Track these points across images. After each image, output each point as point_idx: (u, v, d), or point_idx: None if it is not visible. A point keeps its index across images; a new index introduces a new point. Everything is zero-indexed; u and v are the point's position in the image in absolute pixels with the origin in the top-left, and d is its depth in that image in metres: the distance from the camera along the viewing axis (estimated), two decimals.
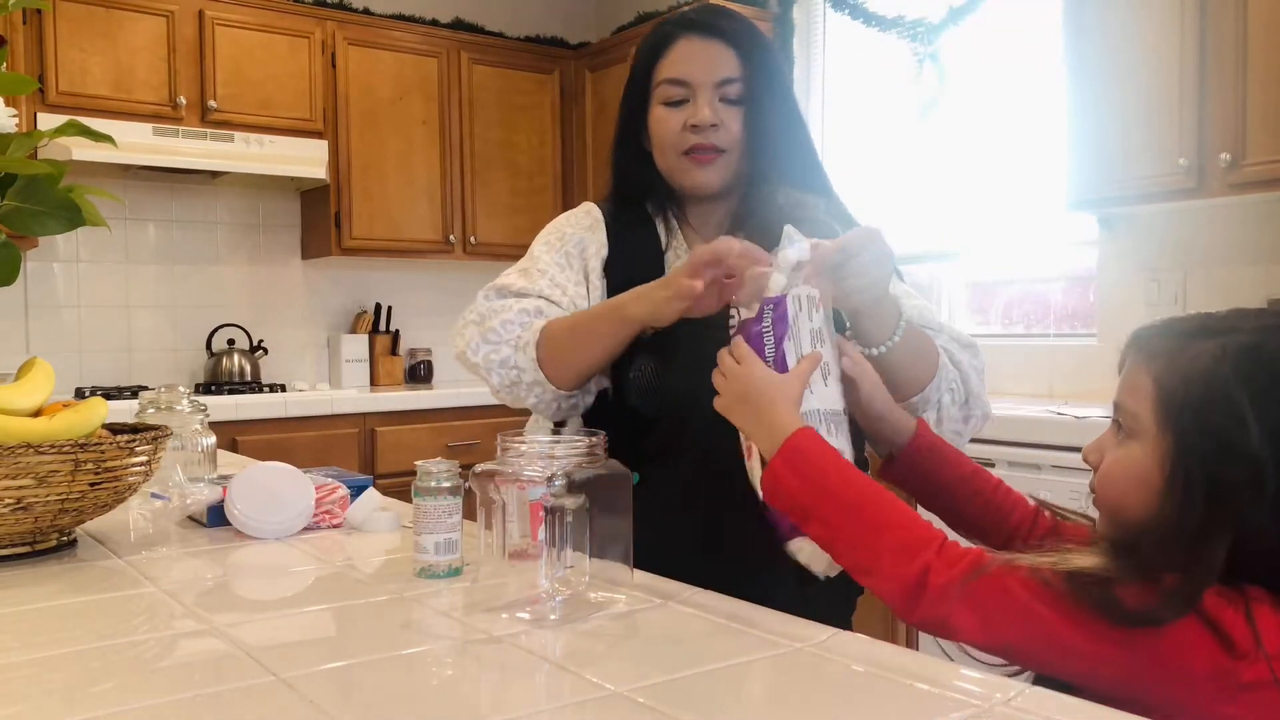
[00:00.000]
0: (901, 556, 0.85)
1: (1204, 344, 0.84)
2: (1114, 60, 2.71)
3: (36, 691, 0.74)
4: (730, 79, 1.33)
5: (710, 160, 1.34)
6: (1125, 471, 0.87)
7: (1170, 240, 2.93)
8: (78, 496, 1.12)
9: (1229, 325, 0.86)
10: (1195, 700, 0.76)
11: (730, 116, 1.34)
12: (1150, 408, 0.85)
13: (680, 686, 0.73)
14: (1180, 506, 0.81)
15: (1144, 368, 0.87)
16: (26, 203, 1.17)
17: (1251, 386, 0.80)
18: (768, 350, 1.02)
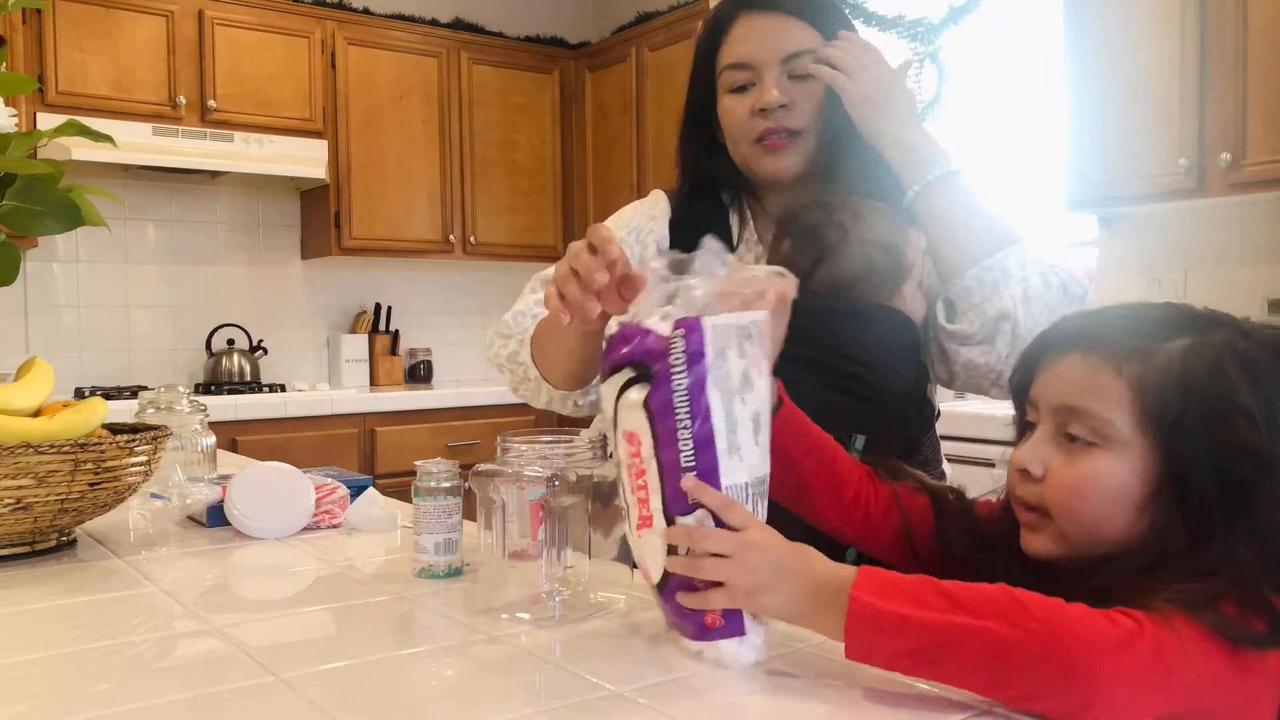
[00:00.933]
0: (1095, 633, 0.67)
1: (1176, 342, 0.78)
2: (1114, 60, 2.71)
3: (36, 691, 0.74)
4: (797, 52, 1.22)
5: (783, 145, 1.25)
6: (1098, 486, 0.79)
7: (1170, 240, 2.93)
8: (77, 496, 1.12)
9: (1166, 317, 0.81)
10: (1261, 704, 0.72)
11: (802, 94, 1.23)
12: (1129, 415, 0.77)
13: (680, 686, 0.73)
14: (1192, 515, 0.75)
15: (1110, 370, 0.79)
16: (26, 203, 1.17)
17: (1247, 379, 0.76)
18: (678, 402, 0.77)
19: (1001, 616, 0.68)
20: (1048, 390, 0.84)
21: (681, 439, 0.77)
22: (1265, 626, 0.70)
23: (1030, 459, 0.83)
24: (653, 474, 0.78)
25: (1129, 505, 0.78)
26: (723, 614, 0.77)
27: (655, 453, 0.78)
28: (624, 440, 0.80)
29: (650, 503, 0.79)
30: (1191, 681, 0.68)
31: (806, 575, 0.76)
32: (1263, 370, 0.77)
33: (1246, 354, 0.78)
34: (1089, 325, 0.84)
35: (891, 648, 0.70)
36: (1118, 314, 0.84)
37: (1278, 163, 2.40)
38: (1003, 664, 0.67)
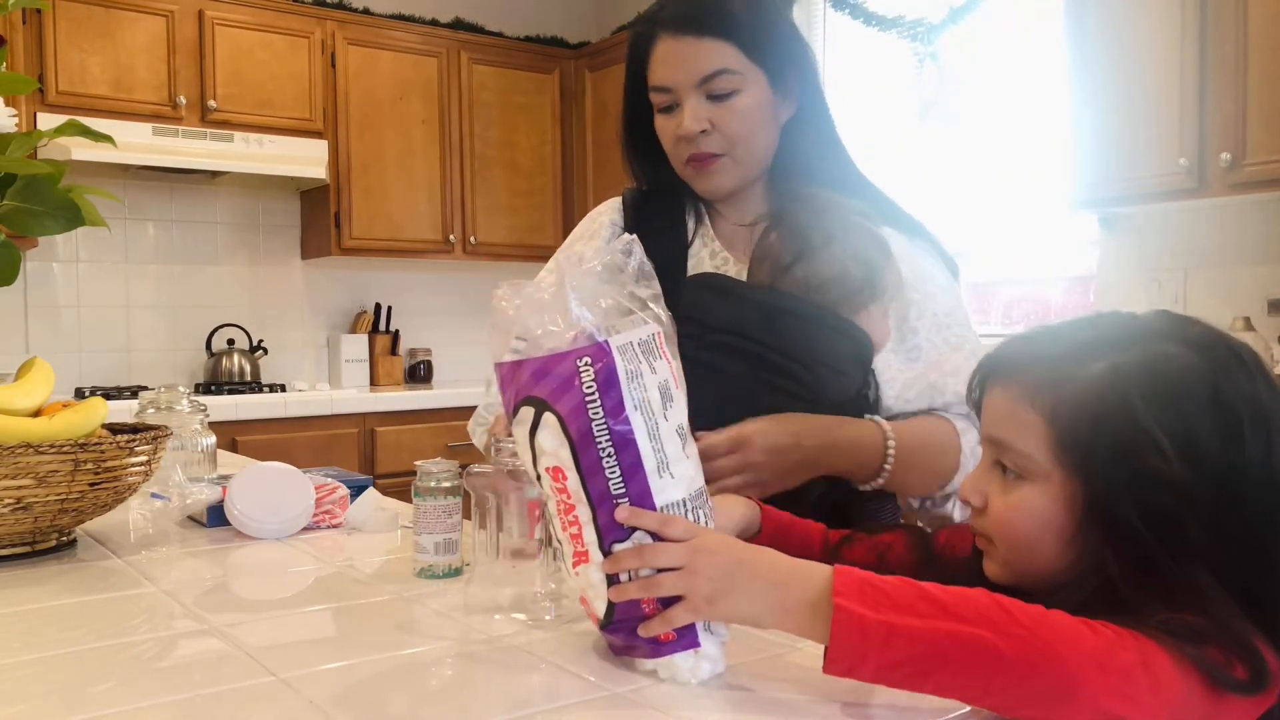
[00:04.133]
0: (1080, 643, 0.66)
1: (1090, 367, 0.76)
2: (1114, 60, 2.71)
3: (36, 691, 0.74)
4: (714, 73, 1.21)
5: (710, 166, 1.25)
6: (1027, 517, 0.78)
7: (1170, 240, 2.93)
8: (77, 496, 1.12)
9: (1100, 339, 0.79)
10: None
11: (723, 115, 1.22)
12: (1045, 448, 0.76)
13: (679, 686, 0.73)
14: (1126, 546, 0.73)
15: (1025, 402, 0.78)
16: (26, 203, 1.17)
17: (1154, 407, 0.73)
18: (598, 431, 0.72)
19: (991, 623, 0.66)
20: (985, 420, 0.84)
21: (608, 468, 0.73)
22: (1247, 673, 0.69)
23: (970, 491, 0.83)
24: (583, 507, 0.74)
25: (1057, 536, 0.77)
26: (675, 629, 0.74)
27: (583, 485, 0.74)
28: (548, 477, 0.76)
29: (584, 536, 0.75)
30: (1176, 704, 0.67)
31: (771, 573, 0.73)
32: (1183, 394, 0.74)
33: (1166, 375, 0.75)
34: (1016, 354, 0.83)
35: (879, 660, 0.67)
36: (1047, 339, 0.82)
37: (1278, 163, 2.40)
38: (994, 672, 0.66)
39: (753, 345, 1.15)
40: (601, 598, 0.75)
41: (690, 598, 0.73)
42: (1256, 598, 0.72)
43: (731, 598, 0.73)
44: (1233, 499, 0.73)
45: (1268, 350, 2.51)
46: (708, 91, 1.22)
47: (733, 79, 1.22)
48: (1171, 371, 0.75)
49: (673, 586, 0.73)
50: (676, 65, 1.23)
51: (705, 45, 1.21)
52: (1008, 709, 0.67)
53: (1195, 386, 0.74)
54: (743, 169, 1.27)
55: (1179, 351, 0.76)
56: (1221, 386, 0.74)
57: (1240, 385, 0.75)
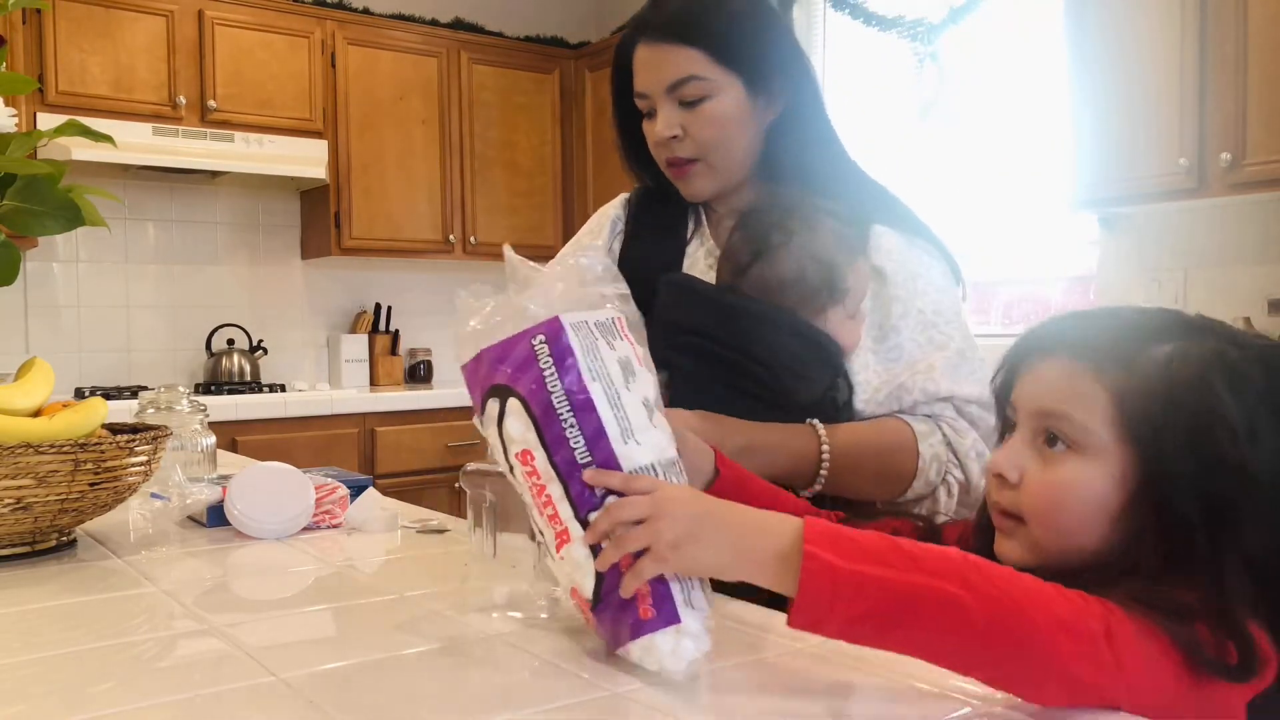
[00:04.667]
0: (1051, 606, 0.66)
1: (1161, 349, 0.77)
2: (1114, 60, 2.71)
3: (36, 691, 0.74)
4: (683, 79, 1.22)
5: (685, 172, 1.26)
6: (1078, 494, 0.77)
7: (1170, 240, 2.93)
8: (77, 496, 1.12)
9: (1153, 325, 0.80)
10: None
11: (694, 121, 1.23)
12: (1108, 422, 0.76)
13: (679, 686, 0.73)
14: (1171, 531, 0.73)
15: (1089, 375, 0.78)
16: (26, 203, 1.17)
17: (1233, 394, 0.74)
18: (558, 402, 0.74)
19: (964, 581, 0.66)
20: (1028, 394, 0.82)
21: (572, 438, 0.74)
22: (1238, 658, 0.68)
23: (1006, 464, 0.81)
24: (554, 484, 0.75)
25: (1104, 514, 0.76)
26: (654, 604, 0.73)
27: (550, 461, 0.75)
28: (519, 464, 0.76)
29: (560, 514, 0.75)
30: (1145, 674, 0.67)
31: (739, 523, 0.73)
32: (1250, 384, 0.75)
33: (1235, 365, 0.76)
34: (1074, 329, 0.82)
35: (847, 611, 0.66)
36: (1105, 318, 0.83)
37: (1278, 163, 2.40)
38: (962, 630, 0.65)
39: (717, 347, 1.14)
40: (588, 574, 0.75)
41: (655, 547, 0.72)
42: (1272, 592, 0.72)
43: (697, 545, 0.72)
44: (1274, 486, 0.73)
45: None
46: (679, 98, 1.24)
47: (701, 85, 1.22)
48: (1236, 363, 0.76)
49: (638, 538, 0.72)
50: (649, 71, 1.25)
51: (673, 52, 1.23)
52: (972, 668, 0.67)
53: (1255, 381, 0.75)
54: (718, 174, 1.27)
55: (1233, 348, 0.77)
56: (1273, 383, 0.75)
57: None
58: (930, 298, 1.22)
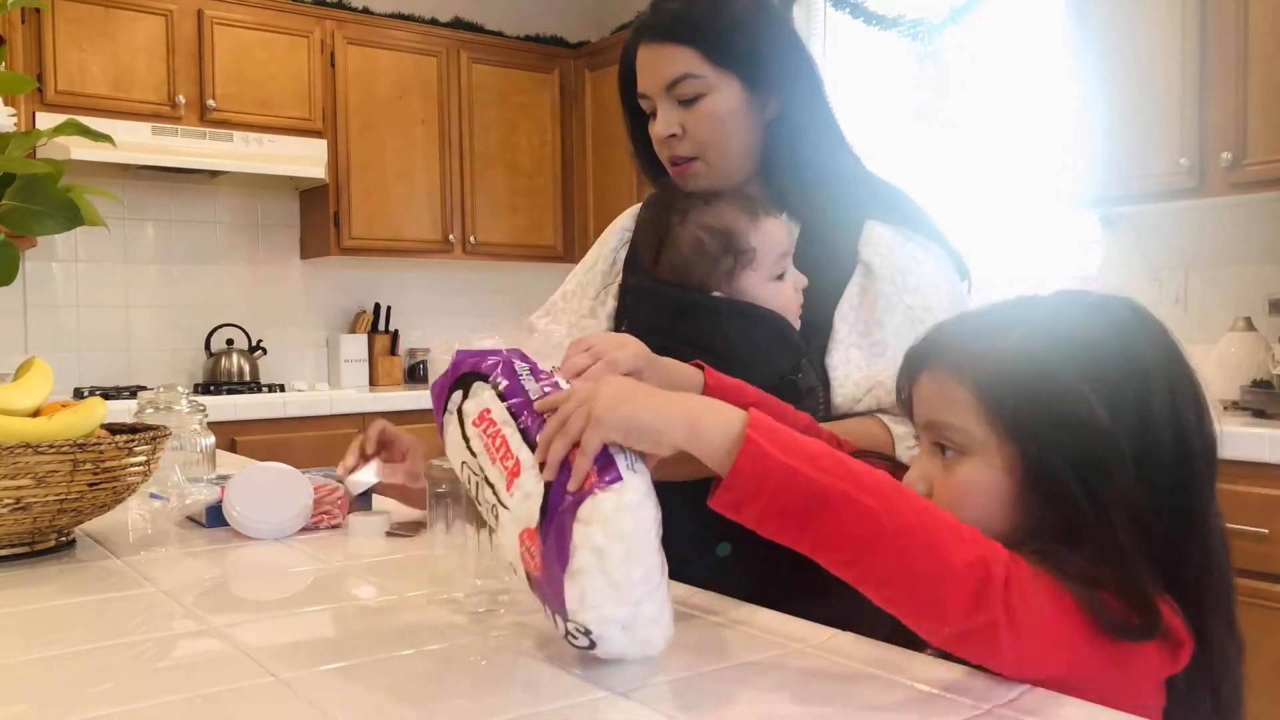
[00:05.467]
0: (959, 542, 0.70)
1: (1007, 338, 0.81)
2: (1115, 59, 2.71)
3: (36, 691, 0.74)
4: (678, 78, 1.23)
5: (686, 170, 1.27)
6: (974, 492, 0.81)
7: (1171, 240, 2.93)
8: (76, 497, 1.11)
9: (1013, 315, 0.84)
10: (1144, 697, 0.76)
11: (692, 119, 1.24)
12: (978, 419, 0.80)
13: (679, 686, 0.73)
14: (1057, 501, 0.77)
15: (952, 381, 0.82)
16: (25, 202, 1.17)
17: (1076, 362, 0.78)
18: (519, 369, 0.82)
19: (884, 499, 0.69)
20: (916, 409, 0.88)
21: (529, 388, 0.81)
22: (1140, 619, 0.72)
23: (914, 478, 0.86)
24: (509, 425, 0.79)
25: (1003, 504, 0.81)
26: (597, 470, 0.73)
27: (507, 408, 0.79)
28: (475, 425, 0.80)
29: (511, 447, 0.78)
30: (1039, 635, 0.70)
31: (680, 396, 0.78)
32: (1099, 349, 0.79)
33: (1081, 336, 0.80)
34: (938, 339, 0.88)
35: (771, 501, 0.70)
36: (966, 320, 0.88)
37: (1278, 163, 2.40)
38: (874, 542, 0.68)
39: (673, 343, 1.13)
40: (537, 497, 0.75)
41: (594, 413, 0.74)
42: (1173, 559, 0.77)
43: (636, 405, 0.75)
44: (1147, 452, 0.77)
45: (1268, 350, 2.51)
46: (676, 96, 1.25)
47: (697, 83, 1.24)
48: (1080, 333, 0.81)
49: (580, 415, 0.74)
50: (648, 71, 1.27)
51: (669, 51, 1.24)
52: (867, 582, 0.71)
53: (1105, 344, 0.80)
54: (718, 172, 1.27)
55: (1085, 315, 0.82)
56: (1128, 344, 0.80)
57: (1143, 343, 0.81)
58: (921, 293, 1.21)
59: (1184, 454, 0.79)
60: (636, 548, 0.73)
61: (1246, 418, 2.41)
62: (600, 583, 0.71)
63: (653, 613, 0.74)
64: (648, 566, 0.73)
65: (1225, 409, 2.57)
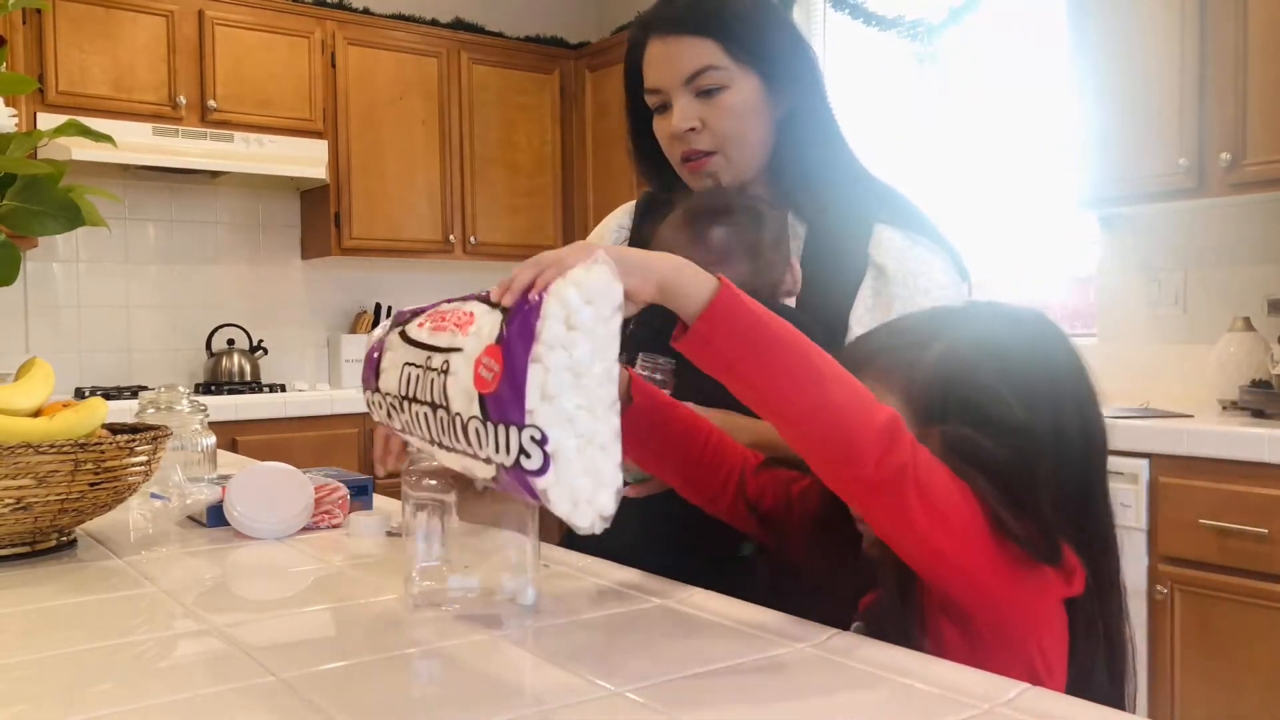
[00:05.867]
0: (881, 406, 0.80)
1: (931, 348, 0.89)
2: (1115, 60, 2.71)
3: (36, 691, 0.74)
4: (700, 70, 1.23)
5: (703, 165, 1.27)
6: None
7: (1170, 240, 2.93)
8: (77, 496, 1.12)
9: (934, 327, 0.92)
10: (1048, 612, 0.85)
11: (712, 112, 1.24)
12: (913, 425, 0.85)
13: (680, 686, 0.73)
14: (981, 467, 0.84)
15: (879, 387, 0.86)
16: (26, 203, 1.17)
17: (995, 369, 0.87)
18: None
19: (824, 357, 0.80)
20: None
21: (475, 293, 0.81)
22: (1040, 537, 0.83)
23: None
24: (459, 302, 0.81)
25: None
26: None
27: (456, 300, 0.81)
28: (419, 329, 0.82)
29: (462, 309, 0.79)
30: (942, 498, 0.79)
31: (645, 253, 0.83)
32: (1013, 354, 0.89)
33: (993, 344, 0.89)
34: (863, 349, 0.96)
35: (730, 334, 0.79)
36: (888, 332, 0.96)
37: (1278, 163, 2.40)
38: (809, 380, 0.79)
39: None
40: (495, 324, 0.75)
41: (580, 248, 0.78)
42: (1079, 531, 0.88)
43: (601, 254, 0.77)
44: (1060, 443, 0.87)
45: (1267, 350, 2.51)
46: (696, 89, 1.24)
47: (719, 75, 1.23)
48: (998, 342, 0.90)
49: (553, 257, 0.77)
50: (664, 65, 1.25)
51: (689, 43, 1.23)
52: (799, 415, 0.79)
53: (1020, 352, 0.89)
54: (736, 167, 1.27)
55: (1001, 327, 0.92)
56: (1040, 351, 0.90)
57: (1052, 350, 0.91)
58: (933, 295, 1.22)
59: (1088, 442, 0.89)
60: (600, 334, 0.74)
61: (1246, 418, 2.41)
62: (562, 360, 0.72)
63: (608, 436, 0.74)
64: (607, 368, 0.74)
65: (1225, 409, 2.57)
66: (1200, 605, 2.24)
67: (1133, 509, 2.34)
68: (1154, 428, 2.35)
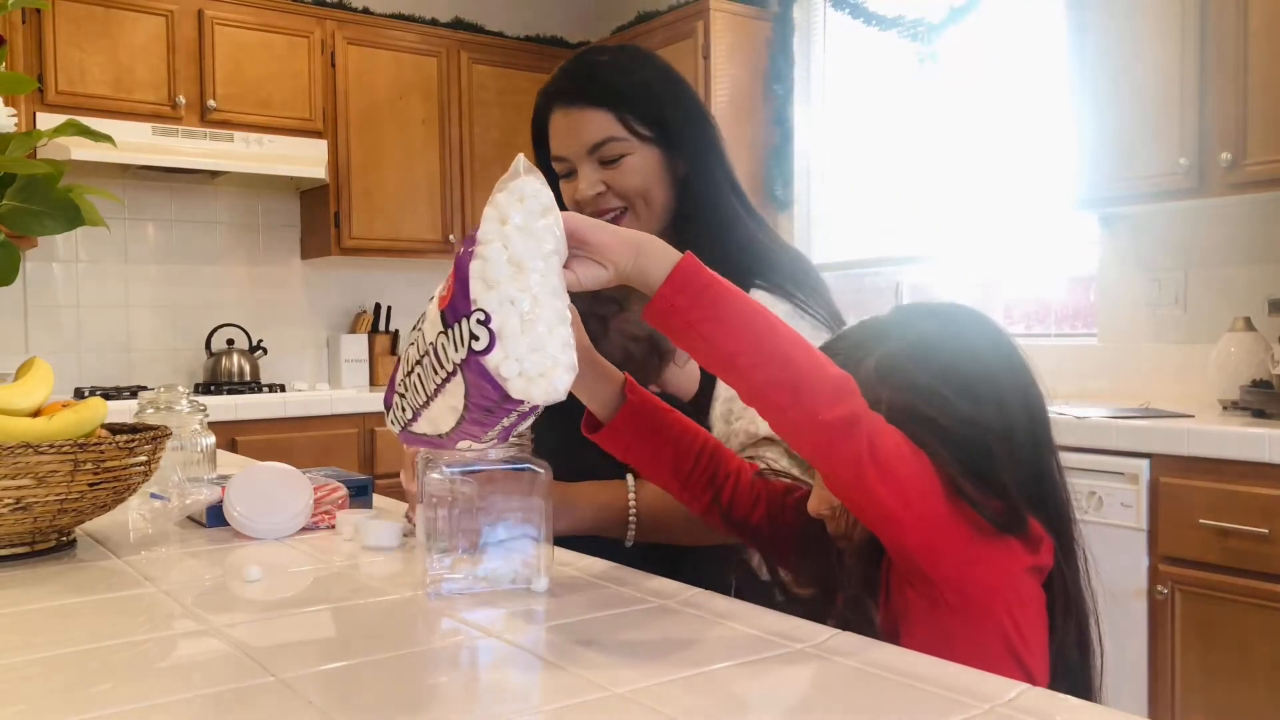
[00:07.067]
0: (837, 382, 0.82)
1: (867, 361, 0.92)
2: (1115, 59, 2.71)
3: (36, 691, 0.74)
4: (602, 140, 1.29)
5: (616, 223, 1.30)
6: None
7: (1170, 240, 2.93)
8: (77, 497, 1.12)
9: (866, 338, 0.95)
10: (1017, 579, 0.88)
11: (616, 176, 1.30)
12: None
13: (680, 686, 0.73)
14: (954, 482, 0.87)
15: None
16: (26, 203, 1.17)
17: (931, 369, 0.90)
18: None
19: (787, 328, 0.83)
20: None
21: None
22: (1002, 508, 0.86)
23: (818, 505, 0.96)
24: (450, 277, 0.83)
25: None
26: None
27: None
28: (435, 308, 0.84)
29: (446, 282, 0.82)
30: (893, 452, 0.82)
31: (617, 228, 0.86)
32: (945, 351, 0.91)
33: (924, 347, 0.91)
34: None
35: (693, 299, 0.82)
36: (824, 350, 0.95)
37: (1278, 163, 2.40)
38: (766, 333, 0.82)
39: None
40: None
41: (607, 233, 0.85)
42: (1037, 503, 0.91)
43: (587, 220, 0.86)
44: (1010, 429, 0.90)
45: (1268, 350, 2.51)
46: (599, 158, 1.30)
47: (619, 145, 1.30)
48: (931, 342, 0.92)
49: None
50: (567, 135, 1.32)
51: (589, 115, 1.30)
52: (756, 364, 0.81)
53: (953, 348, 0.92)
54: (643, 223, 1.32)
55: (931, 326, 0.94)
56: (972, 345, 0.93)
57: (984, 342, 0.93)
58: None
59: (1033, 424, 0.92)
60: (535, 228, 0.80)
61: (1246, 418, 2.41)
62: (498, 252, 0.78)
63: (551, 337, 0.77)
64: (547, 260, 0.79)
65: (1225, 409, 2.57)
66: (1200, 605, 2.24)
67: (1133, 509, 2.34)
68: (1154, 428, 2.35)
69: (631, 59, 1.35)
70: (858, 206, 3.87)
